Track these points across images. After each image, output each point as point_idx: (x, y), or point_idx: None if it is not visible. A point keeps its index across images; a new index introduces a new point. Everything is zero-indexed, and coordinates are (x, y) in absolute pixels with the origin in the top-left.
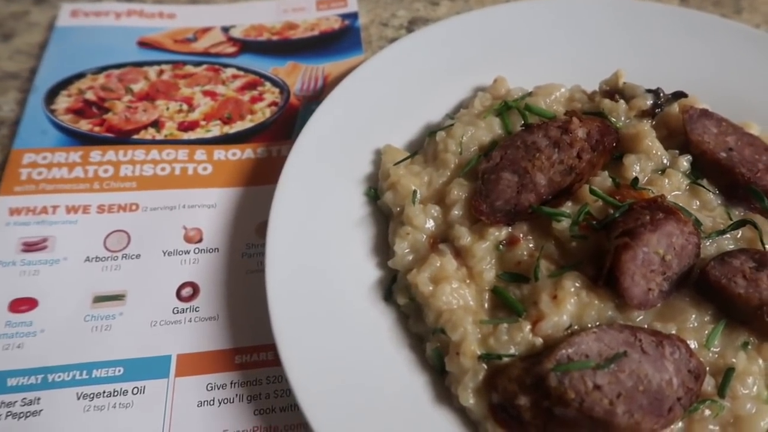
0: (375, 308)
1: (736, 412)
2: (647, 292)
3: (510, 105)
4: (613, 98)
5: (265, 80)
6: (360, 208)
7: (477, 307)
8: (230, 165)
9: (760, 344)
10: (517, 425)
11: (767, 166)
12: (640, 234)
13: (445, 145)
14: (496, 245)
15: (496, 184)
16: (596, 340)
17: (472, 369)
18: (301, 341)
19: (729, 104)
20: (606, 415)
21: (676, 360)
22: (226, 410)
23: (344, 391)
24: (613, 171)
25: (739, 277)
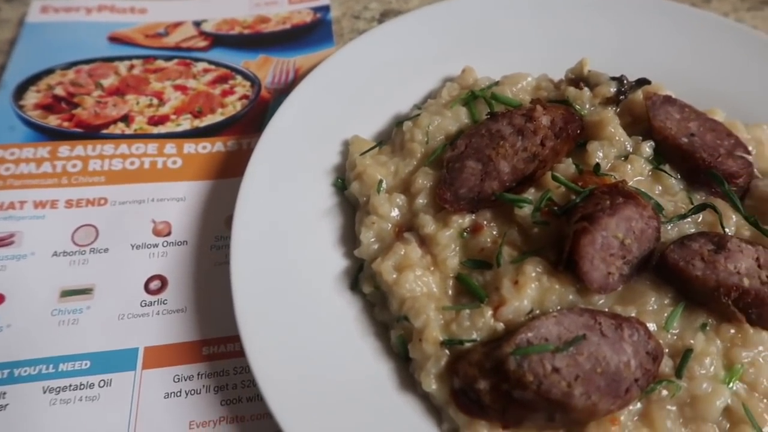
0: (341, 297)
1: (692, 392)
2: (607, 275)
3: (477, 94)
4: (578, 86)
5: (236, 74)
6: (327, 199)
7: (441, 294)
8: (200, 158)
9: (718, 325)
10: (477, 409)
11: (729, 150)
12: (598, 218)
13: (412, 135)
14: (460, 233)
15: (460, 172)
16: (556, 324)
17: (435, 355)
18: (266, 332)
19: (696, 92)
20: (563, 397)
21: (634, 342)
22: (193, 401)
23: (308, 380)
24: (577, 158)
25: (697, 260)
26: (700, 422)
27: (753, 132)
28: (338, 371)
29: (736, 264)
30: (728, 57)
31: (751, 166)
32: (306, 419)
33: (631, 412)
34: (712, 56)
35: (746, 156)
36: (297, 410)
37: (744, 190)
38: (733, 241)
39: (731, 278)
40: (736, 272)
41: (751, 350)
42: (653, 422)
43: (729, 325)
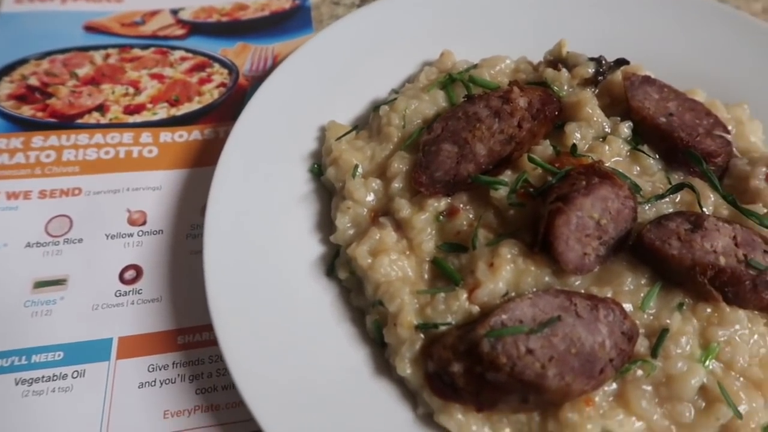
0: (317, 283)
1: (668, 372)
2: (583, 256)
3: (454, 77)
4: (556, 68)
5: (213, 62)
6: (304, 185)
7: (416, 278)
8: (176, 147)
9: (694, 305)
10: (451, 392)
11: (707, 130)
12: (573, 198)
13: (388, 119)
14: (436, 216)
15: (436, 155)
16: (531, 306)
17: (410, 339)
18: (239, 320)
19: (678, 72)
20: (537, 378)
21: (610, 322)
22: (168, 391)
23: (282, 368)
24: (555, 139)
25: (673, 239)
26: (675, 401)
27: (733, 111)
28: (313, 358)
29: (713, 243)
30: (711, 38)
31: (729, 146)
32: (279, 407)
33: (606, 393)
34: (694, 37)
35: (725, 135)
36: (270, 398)
37: (723, 169)
38: (710, 220)
39: (707, 257)
40: (712, 251)
41: (727, 329)
42: (628, 402)
43: (705, 304)
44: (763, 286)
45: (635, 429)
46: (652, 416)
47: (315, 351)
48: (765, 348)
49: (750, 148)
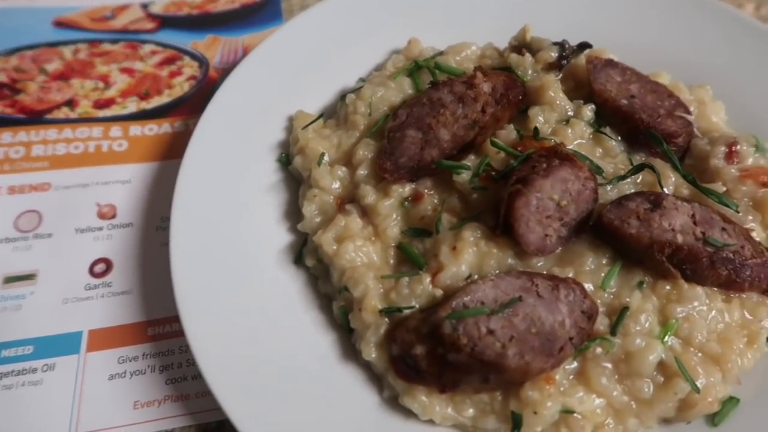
0: (285, 272)
1: (626, 349)
2: (544, 238)
3: (420, 64)
4: (520, 53)
5: (184, 54)
6: (272, 175)
7: (382, 263)
8: (146, 140)
9: (654, 283)
10: (414, 375)
11: (669, 111)
12: (532, 180)
13: (355, 107)
14: (401, 202)
15: (400, 141)
16: (493, 287)
17: (374, 324)
18: (205, 310)
19: (644, 56)
20: (497, 358)
21: (570, 302)
22: (138, 382)
23: (248, 356)
24: (519, 123)
25: (632, 219)
26: (634, 377)
27: (696, 93)
28: (280, 345)
29: (671, 221)
30: (675, 21)
31: (690, 126)
32: (246, 395)
33: (566, 371)
34: (659, 20)
35: (686, 116)
36: (237, 386)
37: (684, 149)
38: (669, 200)
39: (665, 235)
40: (670, 229)
41: (685, 306)
42: (588, 380)
43: (665, 281)
44: (721, 262)
45: (595, 406)
46: (612, 393)
47: (282, 338)
48: (723, 323)
49: (711, 128)
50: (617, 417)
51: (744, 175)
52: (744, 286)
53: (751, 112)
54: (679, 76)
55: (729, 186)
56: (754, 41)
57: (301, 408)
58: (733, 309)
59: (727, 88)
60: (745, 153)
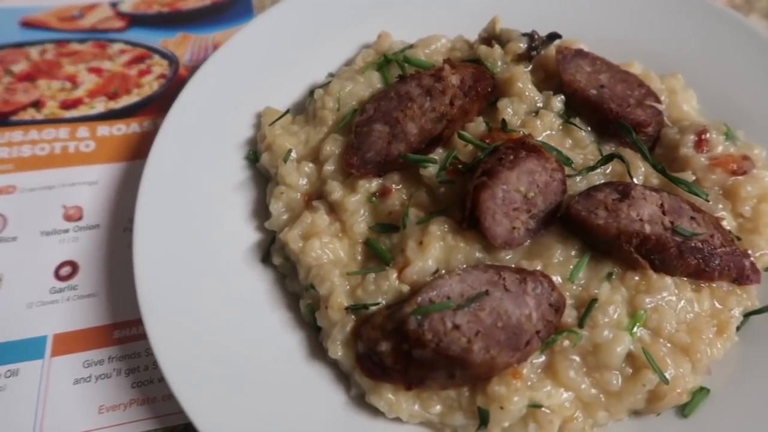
0: (252, 271)
1: (594, 341)
2: (511, 230)
3: (389, 58)
4: (490, 45)
5: (153, 53)
6: (240, 173)
7: (349, 260)
8: (114, 141)
9: (623, 274)
10: (380, 372)
11: (639, 100)
12: (497, 173)
13: (323, 103)
14: (368, 197)
15: (367, 136)
16: (460, 282)
17: (341, 321)
18: (168, 311)
19: (616, 45)
20: (462, 353)
21: (537, 295)
22: (103, 386)
23: (214, 357)
24: (488, 116)
25: (600, 209)
26: (603, 370)
27: (667, 82)
28: (245, 345)
29: (639, 211)
30: (648, 10)
31: (660, 115)
32: (209, 397)
33: (534, 365)
34: (632, 10)
35: (656, 105)
36: (201, 389)
37: (654, 139)
38: (638, 189)
39: (633, 225)
40: (638, 219)
41: (654, 296)
42: (557, 373)
43: (634, 272)
44: (689, 252)
45: (563, 399)
46: (580, 386)
47: (248, 339)
48: (692, 313)
49: (682, 117)
50: (586, 410)
51: (713, 164)
52: (714, 276)
53: (724, 101)
54: (651, 65)
55: (699, 175)
56: (727, 29)
57: (267, 408)
58: (703, 298)
59: (699, 77)
60: (715, 141)
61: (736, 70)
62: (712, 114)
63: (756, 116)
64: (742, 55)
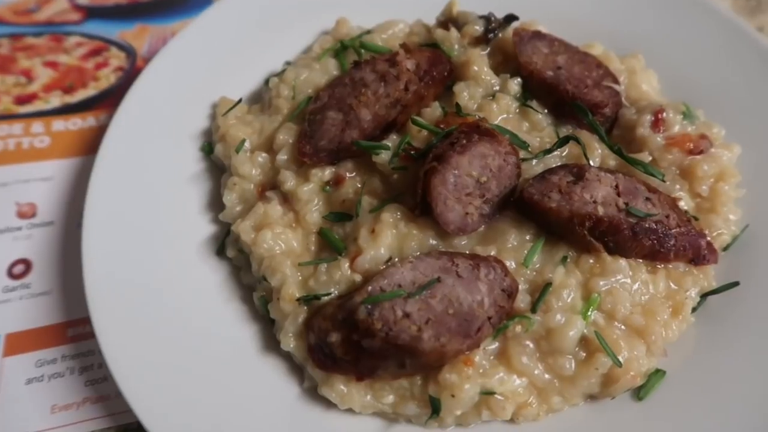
0: (206, 264)
1: (547, 326)
2: (465, 216)
3: (346, 45)
4: (447, 28)
5: (110, 45)
6: (195, 164)
7: (302, 250)
8: (70, 135)
9: (578, 257)
10: (331, 363)
11: (596, 81)
12: (448, 157)
13: (278, 91)
14: (321, 186)
15: (320, 123)
16: (412, 270)
17: (293, 313)
18: (118, 308)
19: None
20: (412, 342)
21: (490, 281)
22: (56, 385)
23: (165, 354)
24: (445, 100)
25: (554, 192)
26: (556, 355)
27: (627, 62)
28: (197, 340)
29: (593, 193)
30: None
31: (618, 96)
32: (160, 395)
33: (487, 352)
34: None
35: (614, 86)
36: (150, 387)
37: (612, 120)
38: (592, 171)
39: (585, 207)
40: (591, 201)
41: (608, 279)
42: (510, 359)
43: (589, 255)
44: (643, 233)
45: (516, 386)
46: (533, 371)
47: (201, 333)
48: (647, 295)
49: (641, 97)
50: (540, 396)
51: (670, 143)
52: (669, 257)
53: (686, 80)
54: (614, 46)
55: (655, 155)
56: (690, 9)
57: (219, 403)
58: (659, 280)
59: (661, 57)
60: (672, 121)
61: (699, 50)
62: (673, 94)
63: (717, 95)
64: (705, 34)
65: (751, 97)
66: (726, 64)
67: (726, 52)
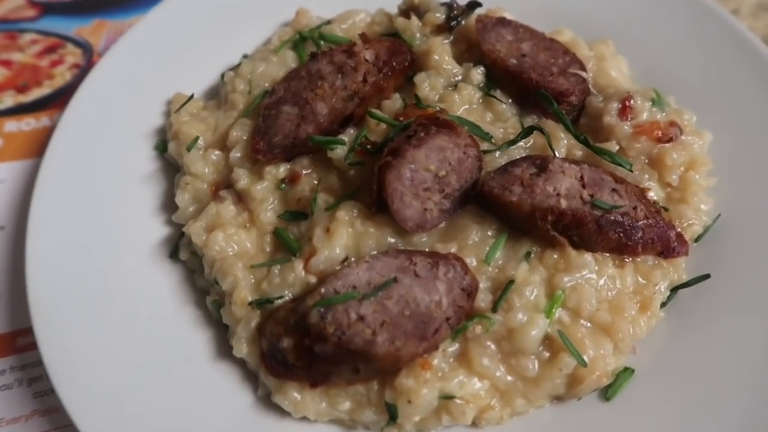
0: (158, 267)
1: (509, 325)
2: (423, 212)
3: (304, 36)
4: (408, 16)
5: (66, 42)
6: (149, 164)
7: (257, 251)
8: (23, 136)
9: (542, 252)
10: (284, 370)
11: (562, 69)
12: (403, 151)
13: (233, 86)
14: (276, 184)
15: (275, 119)
16: (368, 270)
17: (245, 317)
18: (64, 316)
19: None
20: (365, 346)
21: (449, 279)
22: (3, 398)
23: (112, 364)
24: (406, 92)
25: (516, 185)
26: (519, 355)
27: (596, 48)
28: (149, 347)
29: (556, 185)
30: None
31: (584, 83)
32: (106, 406)
33: (446, 354)
34: None
35: (580, 73)
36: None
37: (579, 108)
38: (556, 162)
39: (548, 201)
40: (554, 194)
41: (573, 274)
42: (470, 361)
43: (553, 251)
44: (609, 225)
45: (477, 389)
46: (495, 373)
47: (152, 339)
48: (615, 290)
49: (610, 84)
50: (503, 398)
51: (638, 132)
52: (637, 250)
53: (657, 66)
54: (583, 32)
55: (623, 144)
56: None
57: (170, 413)
58: (626, 274)
59: (632, 42)
60: (640, 108)
61: (671, 34)
62: (645, 80)
63: (690, 80)
64: (678, 18)
65: (724, 81)
66: (699, 49)
67: (699, 36)
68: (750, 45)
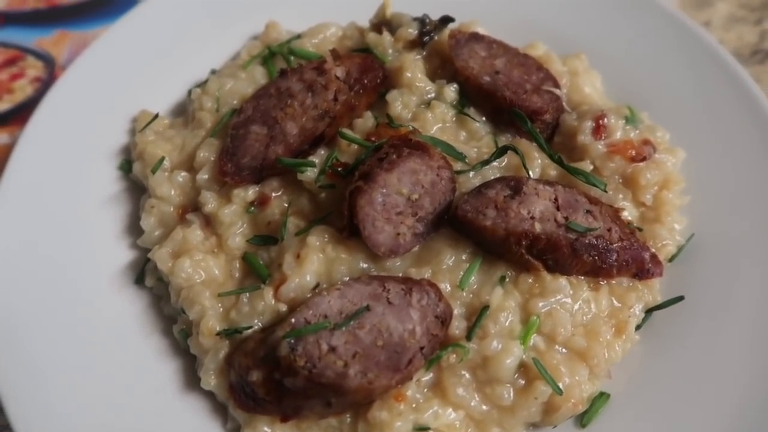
0: (122, 294)
1: (483, 353)
2: (396, 237)
3: (274, 51)
4: (380, 31)
5: (26, 54)
6: (113, 184)
7: (225, 278)
8: None
9: (517, 276)
10: (253, 404)
11: (536, 86)
12: (374, 176)
13: (200, 103)
14: (245, 207)
15: (243, 139)
16: (339, 298)
17: (213, 348)
18: (20, 346)
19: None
20: (337, 379)
21: (423, 307)
22: None
23: (72, 398)
24: (379, 110)
25: (489, 209)
26: (494, 384)
27: (570, 63)
28: (112, 379)
29: (530, 208)
30: None
31: (558, 100)
32: None
33: (420, 384)
34: None
35: (554, 90)
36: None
37: (554, 126)
38: (530, 184)
39: (522, 225)
40: (529, 217)
41: (548, 299)
42: (445, 391)
43: (528, 275)
44: (584, 249)
45: (452, 419)
46: (470, 403)
47: (116, 370)
48: (590, 314)
49: (583, 101)
50: (478, 428)
51: (612, 150)
52: (612, 272)
53: (631, 81)
54: (557, 46)
55: (597, 163)
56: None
57: None
58: (601, 297)
59: (606, 57)
60: (613, 126)
61: (644, 48)
62: (618, 95)
63: (662, 95)
64: (650, 31)
65: (696, 96)
66: (671, 62)
67: (671, 50)
68: (721, 60)
